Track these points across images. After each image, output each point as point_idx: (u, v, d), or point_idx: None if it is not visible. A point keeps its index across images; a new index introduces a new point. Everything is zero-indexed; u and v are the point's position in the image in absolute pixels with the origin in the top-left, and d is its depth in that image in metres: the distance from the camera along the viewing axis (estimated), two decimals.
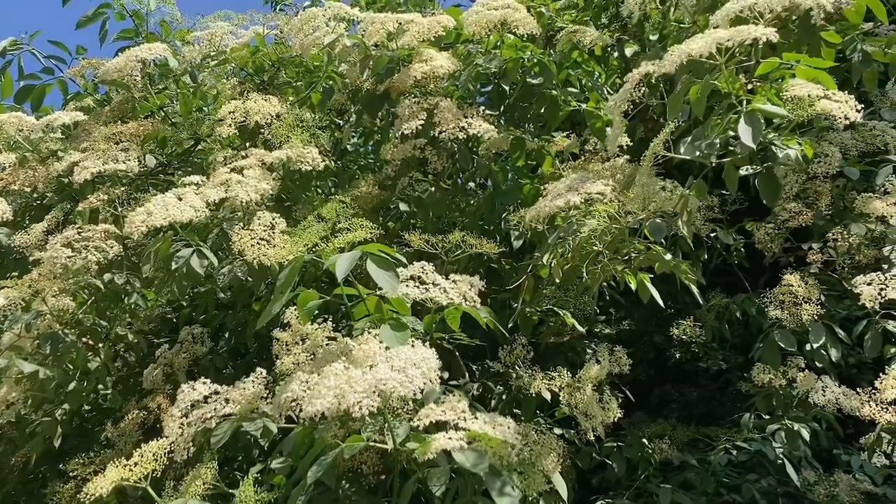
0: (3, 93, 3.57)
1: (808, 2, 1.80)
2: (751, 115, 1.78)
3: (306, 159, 2.46)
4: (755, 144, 1.71)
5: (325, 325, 2.21)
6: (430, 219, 2.88)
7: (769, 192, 1.86)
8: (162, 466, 1.87)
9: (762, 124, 1.77)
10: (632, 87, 2.06)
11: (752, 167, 1.95)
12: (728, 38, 1.77)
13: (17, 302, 2.32)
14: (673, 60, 1.88)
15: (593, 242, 1.88)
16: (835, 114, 1.73)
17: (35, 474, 3.43)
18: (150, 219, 2.15)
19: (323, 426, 1.82)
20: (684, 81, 1.94)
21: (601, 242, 1.89)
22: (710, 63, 1.85)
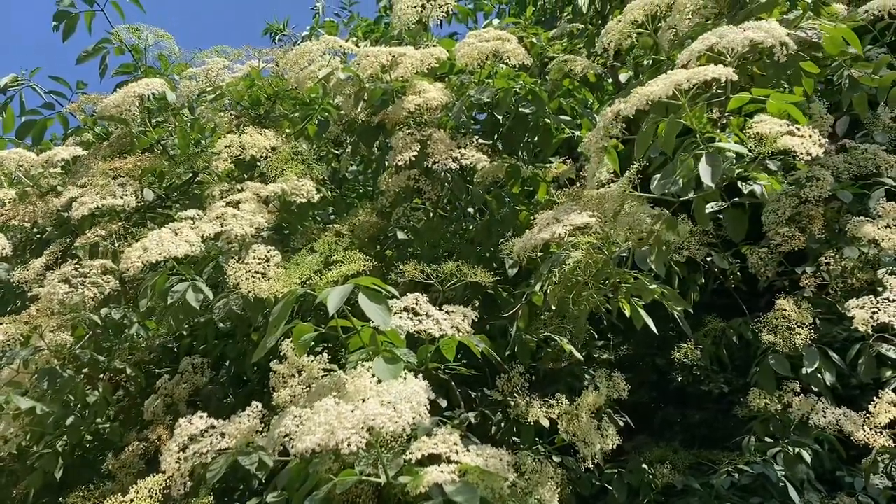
0: (5, 128, 3.62)
1: (769, 41, 1.82)
2: (712, 154, 1.79)
3: (301, 191, 2.49)
4: (714, 184, 1.73)
5: (320, 358, 2.22)
6: (426, 247, 2.90)
7: (734, 228, 1.89)
8: (158, 502, 1.87)
9: (723, 162, 1.79)
10: (607, 124, 2.08)
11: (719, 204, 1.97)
12: (686, 80, 1.79)
13: (15, 338, 2.34)
14: (633, 103, 1.90)
15: (578, 273, 1.89)
16: (797, 150, 1.75)
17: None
18: (146, 254, 2.17)
19: (317, 460, 1.83)
20: (649, 121, 1.96)
21: (586, 273, 1.90)
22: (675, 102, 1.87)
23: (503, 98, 2.74)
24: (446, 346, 2.18)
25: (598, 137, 1.98)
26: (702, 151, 1.76)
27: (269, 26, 5.79)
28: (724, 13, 2.34)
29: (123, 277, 2.43)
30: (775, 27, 1.83)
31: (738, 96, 1.85)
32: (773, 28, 1.83)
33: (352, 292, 1.86)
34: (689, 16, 2.24)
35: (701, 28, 2.20)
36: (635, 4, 2.29)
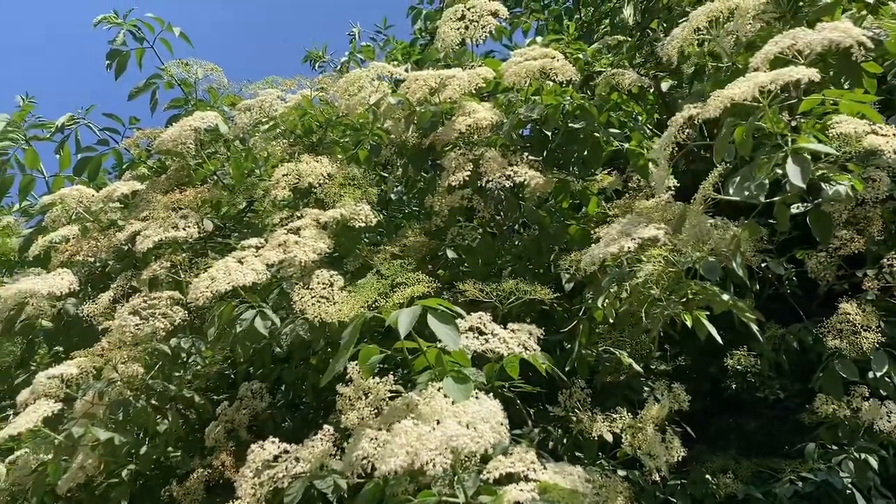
0: (62, 166, 3.73)
1: (847, 40, 1.82)
2: (797, 154, 1.79)
3: (359, 216, 2.53)
4: (805, 184, 1.73)
5: (386, 380, 2.24)
6: (480, 265, 2.92)
7: (821, 230, 1.87)
8: None
9: (810, 163, 1.78)
10: (676, 130, 2.09)
11: (803, 205, 1.95)
12: (770, 81, 1.79)
13: (88, 371, 2.40)
14: (717, 105, 1.91)
15: (650, 286, 1.90)
16: (883, 148, 1.74)
17: None
18: (214, 284, 2.22)
19: (393, 481, 1.85)
20: (729, 124, 1.97)
21: (658, 286, 1.90)
22: (753, 105, 1.87)
23: (552, 114, 2.76)
24: (510, 364, 2.19)
25: (667, 144, 1.99)
26: (785, 153, 1.76)
27: (308, 53, 5.90)
28: (787, 16, 2.34)
29: (189, 307, 2.48)
30: (851, 27, 1.83)
31: (811, 98, 1.85)
32: (849, 28, 1.83)
33: (420, 314, 1.88)
34: (751, 20, 2.24)
35: (767, 32, 2.20)
36: (700, 11, 2.30)
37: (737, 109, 1.96)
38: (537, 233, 3.05)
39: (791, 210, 1.96)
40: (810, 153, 1.82)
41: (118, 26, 3.55)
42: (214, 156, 3.23)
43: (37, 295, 2.65)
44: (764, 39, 2.30)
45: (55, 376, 2.35)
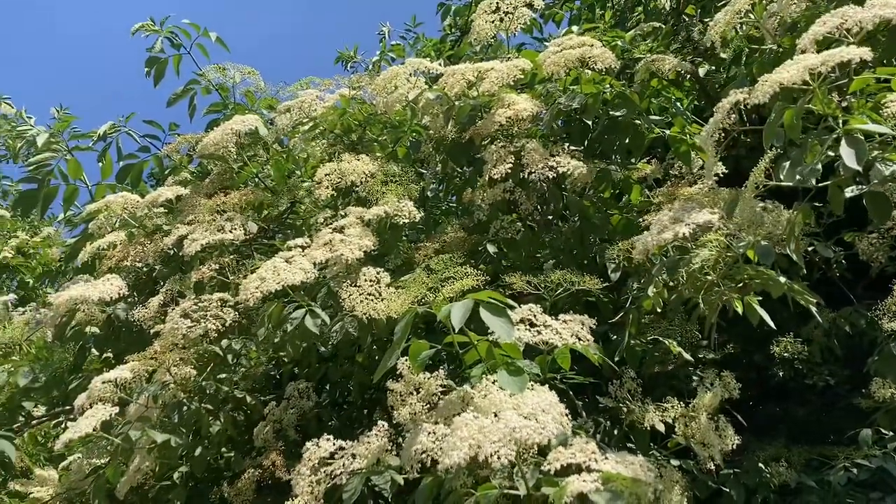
0: (104, 174, 3.78)
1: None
2: (851, 135, 1.75)
3: (402, 213, 2.53)
4: (860, 166, 1.69)
5: (437, 374, 2.24)
6: (523, 258, 2.90)
7: (879, 211, 1.82)
8: None
9: (864, 144, 1.74)
10: (723, 116, 2.06)
11: (857, 188, 1.91)
12: (821, 63, 1.75)
13: (141, 374, 2.43)
14: (766, 90, 1.87)
15: (706, 272, 1.87)
16: None
17: None
18: (264, 284, 2.23)
19: (452, 475, 1.84)
20: (777, 108, 1.93)
21: (714, 272, 1.88)
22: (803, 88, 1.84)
23: (592, 103, 2.74)
24: (561, 355, 2.18)
25: (713, 130, 1.96)
26: (837, 135, 1.72)
27: (340, 55, 5.92)
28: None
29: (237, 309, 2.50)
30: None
31: (862, 77, 1.80)
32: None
33: (472, 307, 1.88)
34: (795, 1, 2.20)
35: (812, 11, 2.16)
36: None
37: (785, 93, 1.93)
38: (578, 224, 3.02)
39: (846, 193, 1.91)
40: (863, 134, 1.78)
41: (156, 33, 3.60)
42: (254, 159, 3.25)
43: (87, 301, 2.69)
44: (809, 19, 2.26)
45: (110, 381, 2.37)
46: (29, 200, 3.60)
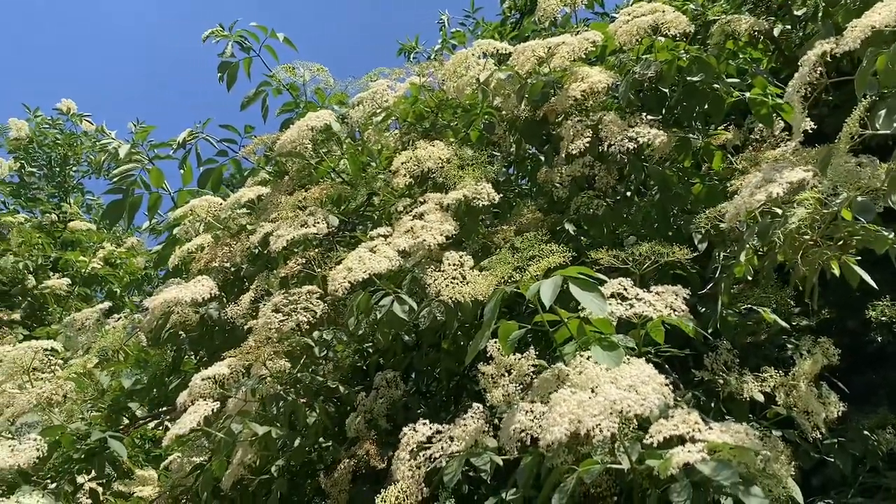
0: (185, 180, 3.90)
1: None
2: None
3: (482, 195, 2.53)
4: None
5: (527, 354, 2.23)
6: (605, 235, 2.86)
7: None
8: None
9: None
10: (809, 70, 1.98)
11: None
12: None
13: (238, 370, 2.50)
14: (855, 36, 1.79)
15: (805, 232, 1.80)
16: None
17: None
18: (352, 274, 2.26)
19: (552, 454, 1.83)
20: (869, 55, 1.84)
21: (812, 231, 1.80)
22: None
23: (667, 70, 2.67)
24: (655, 328, 2.14)
25: (800, 85, 1.88)
26: None
27: (402, 46, 5.95)
28: None
29: (325, 300, 2.54)
30: None
31: None
32: None
33: (562, 284, 1.86)
34: None
35: None
36: None
37: (877, 38, 1.84)
38: (659, 196, 2.96)
39: None
40: None
41: (225, 38, 3.68)
42: (329, 154, 3.29)
43: (181, 303, 2.77)
44: None
45: (209, 377, 2.45)
46: (116, 210, 3.74)
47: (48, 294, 7.60)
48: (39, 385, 2.76)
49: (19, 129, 9.17)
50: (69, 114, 9.32)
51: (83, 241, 8.48)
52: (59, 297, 7.77)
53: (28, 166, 9.39)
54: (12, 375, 2.90)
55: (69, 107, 9.29)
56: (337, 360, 3.37)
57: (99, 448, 2.84)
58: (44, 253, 7.98)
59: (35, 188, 9.41)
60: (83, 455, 2.89)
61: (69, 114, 9.32)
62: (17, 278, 7.74)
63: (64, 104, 9.25)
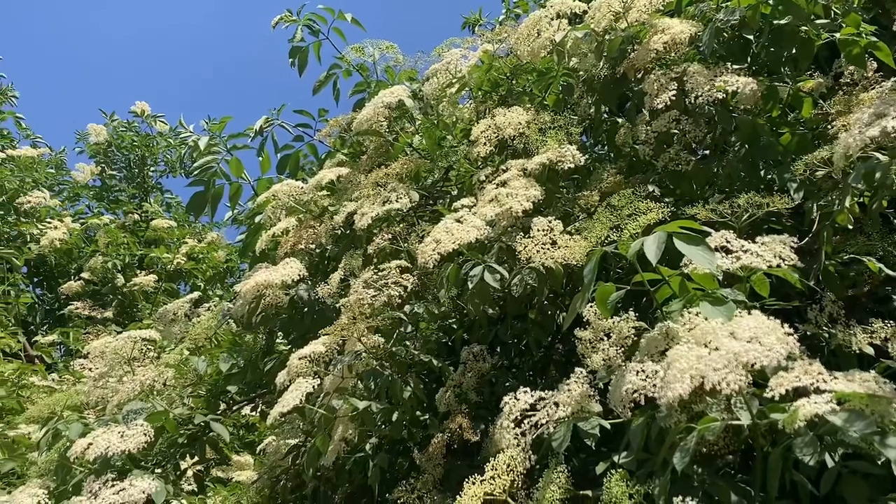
0: (263, 168, 3.96)
1: None
2: None
3: (566, 158, 2.47)
4: None
5: (626, 317, 2.17)
6: (693, 191, 2.77)
7: None
8: (511, 479, 1.91)
9: None
10: None
11: None
12: None
13: (333, 347, 2.52)
14: None
15: None
16: None
17: None
18: (441, 245, 2.24)
19: (664, 414, 1.78)
20: None
21: None
22: None
23: (752, 15, 2.55)
24: (759, 281, 2.06)
25: None
26: None
27: (466, 19, 5.89)
28: None
29: (414, 274, 2.54)
30: None
31: None
32: None
33: (666, 240, 1.80)
34: None
35: None
36: None
37: None
38: (747, 148, 2.84)
39: None
40: None
41: (294, 23, 3.70)
42: (402, 131, 3.28)
43: (272, 285, 2.81)
44: None
45: (305, 356, 2.47)
46: (199, 202, 3.82)
47: (137, 291, 7.89)
48: (142, 373, 2.84)
49: (98, 133, 9.49)
50: (143, 116, 9.59)
51: (165, 238, 8.75)
52: (147, 294, 8.05)
53: (108, 169, 9.72)
54: (114, 366, 3.00)
55: (143, 109, 9.55)
56: (423, 336, 3.38)
57: (201, 432, 2.92)
58: (130, 252, 8.27)
59: (116, 190, 9.74)
60: (186, 439, 2.98)
61: (143, 116, 9.59)
62: (106, 277, 8.06)
63: (138, 106, 9.52)
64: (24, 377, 5.34)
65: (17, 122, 8.71)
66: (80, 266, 8.38)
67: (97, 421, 2.82)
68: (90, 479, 2.46)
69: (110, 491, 2.39)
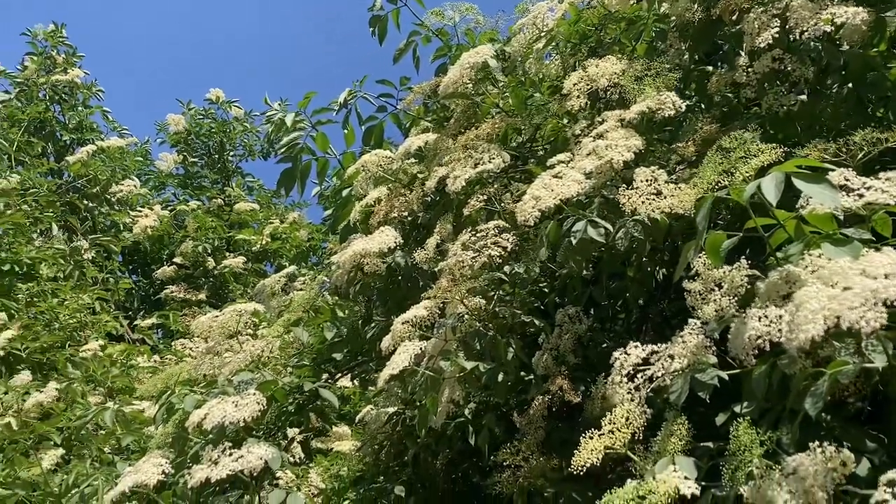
0: (348, 141, 3.99)
1: None
2: None
3: (666, 105, 2.39)
4: None
5: (739, 265, 2.10)
6: (797, 134, 2.64)
7: None
8: (630, 433, 1.88)
9: None
10: None
11: None
12: None
13: (434, 311, 2.52)
14: None
15: None
16: None
17: (456, 474, 3.69)
18: (540, 202, 2.21)
19: (787, 361, 1.71)
20: None
21: None
22: None
23: None
24: (881, 221, 1.95)
25: None
26: None
27: None
28: None
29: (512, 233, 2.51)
30: None
31: None
32: None
33: (785, 179, 1.72)
34: None
35: None
36: None
37: None
38: (852, 86, 2.70)
39: None
40: None
41: None
42: (487, 90, 3.24)
43: (369, 254, 2.84)
44: None
45: (408, 321, 2.49)
46: (288, 178, 3.89)
47: (227, 273, 8.15)
48: (250, 344, 2.92)
49: (177, 123, 9.79)
50: (219, 102, 9.85)
51: (249, 220, 9.00)
52: (237, 275, 8.31)
53: (190, 157, 10.03)
54: (221, 340, 3.10)
55: (218, 96, 9.80)
56: (520, 299, 3.36)
57: (308, 400, 2.99)
58: (218, 235, 8.54)
59: (199, 177, 10.06)
60: (294, 408, 3.06)
61: (219, 102, 9.85)
62: (198, 261, 8.36)
63: (213, 93, 9.77)
64: (132, 358, 5.61)
65: (104, 115, 9.04)
66: (172, 251, 8.71)
67: (209, 393, 2.92)
68: (208, 448, 2.55)
69: (229, 459, 2.48)
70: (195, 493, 2.70)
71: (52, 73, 8.53)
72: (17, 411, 4.55)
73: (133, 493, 2.74)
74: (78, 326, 5.79)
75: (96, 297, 6.26)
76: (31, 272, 6.15)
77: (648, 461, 1.87)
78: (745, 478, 1.56)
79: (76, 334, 5.80)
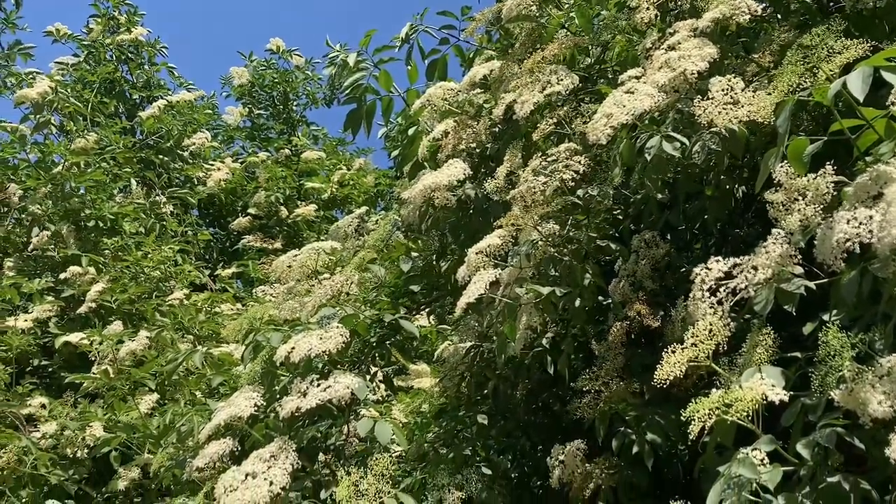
0: (412, 78, 3.97)
1: None
2: None
3: (741, 10, 2.28)
4: None
5: (824, 171, 2.02)
6: (885, 35, 2.50)
7: None
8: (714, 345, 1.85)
9: None
10: None
11: None
12: None
13: (507, 239, 2.52)
14: None
15: None
16: None
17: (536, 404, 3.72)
18: (613, 119, 2.16)
19: (879, 265, 1.65)
20: None
21: None
22: None
23: None
24: None
25: None
26: None
27: None
28: None
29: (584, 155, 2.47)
30: None
31: None
32: None
33: (873, 73, 1.63)
34: None
35: None
36: None
37: None
38: None
39: None
40: None
41: None
42: (552, 12, 3.16)
43: (439, 187, 2.84)
44: None
45: (481, 250, 2.50)
46: (354, 120, 3.90)
47: (300, 221, 8.31)
48: (331, 280, 2.99)
49: (241, 76, 9.89)
50: (279, 52, 9.88)
51: (317, 169, 9.11)
52: (310, 223, 8.47)
53: (255, 109, 10.15)
54: (301, 278, 3.18)
55: (278, 45, 9.83)
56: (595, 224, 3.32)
57: (388, 334, 3.05)
58: (288, 185, 8.69)
59: (265, 128, 10.19)
60: (376, 341, 3.12)
61: (279, 52, 9.88)
62: (271, 211, 8.55)
63: (273, 43, 9.81)
64: (216, 305, 5.82)
65: (169, 71, 9.20)
66: (245, 203, 8.91)
67: (293, 330, 3.01)
68: (297, 381, 2.65)
69: (317, 389, 2.56)
70: (286, 424, 2.81)
71: (117, 34, 8.69)
72: (113, 360, 4.80)
73: (227, 426, 2.87)
74: (162, 277, 6.04)
75: (178, 248, 6.50)
76: (115, 227, 6.43)
77: (734, 374, 1.85)
78: (835, 382, 1.53)
79: (161, 285, 6.05)
